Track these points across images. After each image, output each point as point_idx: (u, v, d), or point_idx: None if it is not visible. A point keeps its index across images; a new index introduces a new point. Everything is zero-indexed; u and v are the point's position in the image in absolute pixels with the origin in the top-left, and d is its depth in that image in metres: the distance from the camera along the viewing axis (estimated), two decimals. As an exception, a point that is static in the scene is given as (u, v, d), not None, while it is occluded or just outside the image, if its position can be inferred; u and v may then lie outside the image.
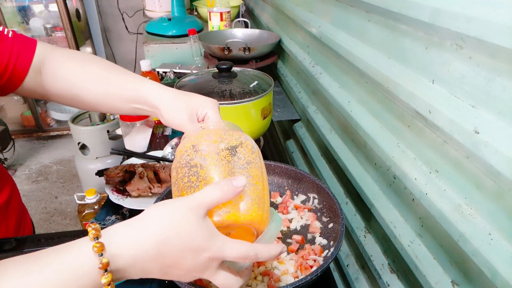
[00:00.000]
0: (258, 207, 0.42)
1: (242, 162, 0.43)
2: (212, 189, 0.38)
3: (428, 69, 0.56)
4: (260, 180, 0.44)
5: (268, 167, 0.78)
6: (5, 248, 0.58)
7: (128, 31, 3.08)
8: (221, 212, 0.40)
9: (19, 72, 0.60)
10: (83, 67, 0.62)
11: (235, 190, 0.39)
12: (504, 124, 0.43)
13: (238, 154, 0.43)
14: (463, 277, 0.52)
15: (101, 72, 0.62)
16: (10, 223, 0.69)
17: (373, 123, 0.75)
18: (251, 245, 0.39)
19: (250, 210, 0.41)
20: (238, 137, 0.45)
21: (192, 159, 0.43)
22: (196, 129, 0.48)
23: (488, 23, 0.42)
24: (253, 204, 0.41)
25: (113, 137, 2.12)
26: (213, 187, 0.38)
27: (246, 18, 1.92)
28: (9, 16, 2.70)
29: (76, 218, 2.17)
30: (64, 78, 0.62)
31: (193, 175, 0.42)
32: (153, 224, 0.36)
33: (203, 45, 1.37)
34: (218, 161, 0.42)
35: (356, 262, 0.86)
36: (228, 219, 0.40)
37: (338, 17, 0.90)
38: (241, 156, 0.43)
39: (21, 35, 0.62)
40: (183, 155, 0.44)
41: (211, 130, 0.47)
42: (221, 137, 0.45)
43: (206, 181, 0.41)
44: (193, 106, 0.57)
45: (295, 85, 1.27)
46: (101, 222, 0.79)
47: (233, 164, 0.43)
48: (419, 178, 0.59)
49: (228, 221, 0.40)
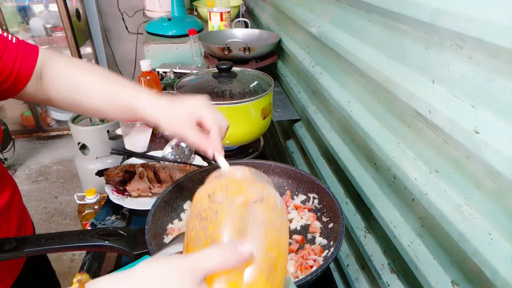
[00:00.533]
0: (266, 279, 0.36)
1: (258, 222, 0.37)
2: (213, 253, 0.34)
3: (428, 69, 0.56)
4: (276, 245, 0.37)
5: (268, 167, 0.78)
6: (5, 248, 0.58)
7: (128, 31, 3.08)
8: (221, 280, 0.34)
9: (22, 78, 0.61)
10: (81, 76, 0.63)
11: (239, 257, 0.34)
12: (504, 124, 0.43)
13: (255, 211, 0.38)
14: (463, 277, 0.52)
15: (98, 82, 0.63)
16: (12, 225, 0.69)
17: (373, 123, 0.75)
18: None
19: (256, 281, 0.35)
20: (260, 190, 0.39)
21: (205, 210, 0.38)
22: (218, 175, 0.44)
23: (488, 23, 0.42)
24: (261, 275, 0.35)
25: (113, 137, 2.12)
26: (215, 250, 0.34)
27: (246, 18, 1.92)
28: (9, 16, 2.70)
29: (76, 218, 2.17)
30: (64, 85, 0.63)
31: (202, 229, 0.37)
32: (141, 283, 0.33)
33: (203, 45, 1.37)
34: (230, 217, 0.37)
35: (356, 262, 0.86)
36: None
37: (338, 17, 0.90)
38: (258, 214, 0.37)
39: (23, 41, 0.63)
40: (197, 204, 0.39)
41: (232, 180, 0.41)
42: (240, 189, 0.39)
43: (213, 239, 0.36)
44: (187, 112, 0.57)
45: (295, 85, 1.27)
46: (101, 222, 0.79)
47: (246, 223, 0.37)
48: (419, 178, 0.59)
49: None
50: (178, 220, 0.71)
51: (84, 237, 0.62)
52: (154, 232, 0.63)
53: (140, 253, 0.61)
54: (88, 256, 0.74)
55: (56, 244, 0.60)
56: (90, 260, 0.73)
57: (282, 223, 0.39)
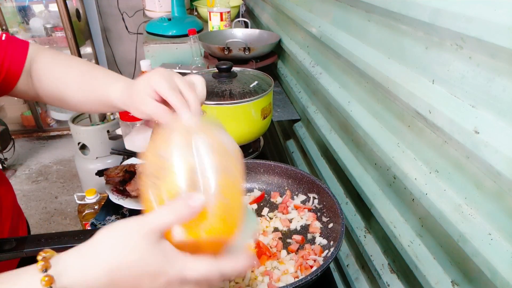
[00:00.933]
0: (223, 223, 0.38)
1: (209, 171, 0.38)
2: (166, 211, 0.36)
3: (428, 69, 0.56)
4: (229, 190, 0.39)
5: (268, 167, 0.78)
6: (5, 248, 0.58)
7: (128, 31, 3.08)
8: (180, 231, 0.36)
9: (12, 75, 0.61)
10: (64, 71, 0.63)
11: (191, 211, 0.36)
12: (504, 124, 0.43)
13: (205, 161, 0.38)
14: (463, 277, 0.52)
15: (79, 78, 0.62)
16: (5, 228, 0.68)
17: (373, 123, 0.75)
18: (213, 264, 0.37)
19: (214, 227, 0.37)
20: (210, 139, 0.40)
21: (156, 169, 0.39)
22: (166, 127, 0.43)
23: (488, 23, 0.42)
24: (218, 220, 0.37)
25: (113, 137, 2.12)
26: (167, 208, 0.36)
27: (246, 18, 1.92)
28: (9, 16, 2.70)
29: (76, 218, 2.17)
30: (49, 81, 0.62)
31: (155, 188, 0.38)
32: (104, 252, 0.34)
33: (203, 45, 1.37)
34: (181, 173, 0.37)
35: (356, 262, 0.86)
36: (188, 239, 0.37)
37: (338, 17, 0.90)
38: (209, 164, 0.38)
39: (13, 37, 0.62)
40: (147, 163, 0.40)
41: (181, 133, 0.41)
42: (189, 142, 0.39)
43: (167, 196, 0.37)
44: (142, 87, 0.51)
45: (295, 85, 1.27)
46: (101, 222, 0.79)
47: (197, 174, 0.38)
48: (419, 178, 0.59)
49: (189, 240, 0.37)
50: (178, 220, 0.71)
51: (84, 237, 0.62)
52: (154, 232, 0.63)
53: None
54: (88, 256, 0.74)
55: (56, 244, 0.60)
56: (90, 260, 0.73)
57: (235, 168, 0.40)
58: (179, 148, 0.39)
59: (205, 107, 0.86)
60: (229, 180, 0.39)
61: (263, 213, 0.73)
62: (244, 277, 0.59)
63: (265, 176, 0.80)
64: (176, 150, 0.39)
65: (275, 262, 0.62)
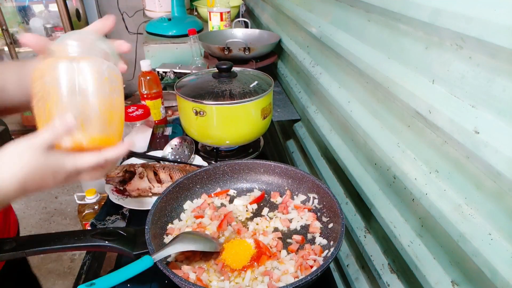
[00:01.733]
0: (103, 133, 0.48)
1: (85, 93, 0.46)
2: (47, 130, 0.45)
3: (428, 69, 0.56)
4: (106, 107, 0.48)
5: (268, 167, 0.78)
6: (5, 248, 0.58)
7: (128, 31, 3.08)
8: (66, 141, 0.46)
9: None
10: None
11: (65, 129, 0.45)
12: (504, 124, 0.43)
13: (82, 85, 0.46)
14: (463, 277, 0.52)
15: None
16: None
17: (373, 123, 0.75)
18: (98, 155, 0.48)
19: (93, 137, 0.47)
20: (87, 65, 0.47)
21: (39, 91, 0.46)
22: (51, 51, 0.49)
23: (488, 23, 0.42)
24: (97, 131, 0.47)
25: (113, 137, 2.12)
26: (47, 129, 0.45)
27: (246, 18, 1.92)
28: (9, 16, 2.70)
29: (76, 218, 2.17)
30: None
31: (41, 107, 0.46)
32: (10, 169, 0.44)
33: (203, 45, 1.37)
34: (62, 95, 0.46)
35: (356, 262, 0.86)
36: (74, 146, 0.47)
37: (338, 17, 0.90)
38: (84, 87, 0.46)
39: None
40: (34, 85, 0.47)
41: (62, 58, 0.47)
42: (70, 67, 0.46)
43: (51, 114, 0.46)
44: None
45: (295, 85, 1.27)
46: (101, 222, 0.79)
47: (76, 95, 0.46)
48: (419, 178, 0.59)
49: (75, 147, 0.47)
50: (178, 220, 0.71)
51: (84, 237, 0.62)
52: (154, 232, 0.63)
53: (140, 253, 0.61)
54: (88, 256, 0.74)
55: (56, 244, 0.60)
56: (90, 260, 0.73)
57: (110, 87, 0.49)
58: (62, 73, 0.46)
59: (206, 107, 0.86)
60: (105, 99, 0.48)
61: (263, 213, 0.73)
62: (244, 277, 0.59)
63: (265, 176, 0.80)
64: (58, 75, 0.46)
65: (275, 262, 0.62)
